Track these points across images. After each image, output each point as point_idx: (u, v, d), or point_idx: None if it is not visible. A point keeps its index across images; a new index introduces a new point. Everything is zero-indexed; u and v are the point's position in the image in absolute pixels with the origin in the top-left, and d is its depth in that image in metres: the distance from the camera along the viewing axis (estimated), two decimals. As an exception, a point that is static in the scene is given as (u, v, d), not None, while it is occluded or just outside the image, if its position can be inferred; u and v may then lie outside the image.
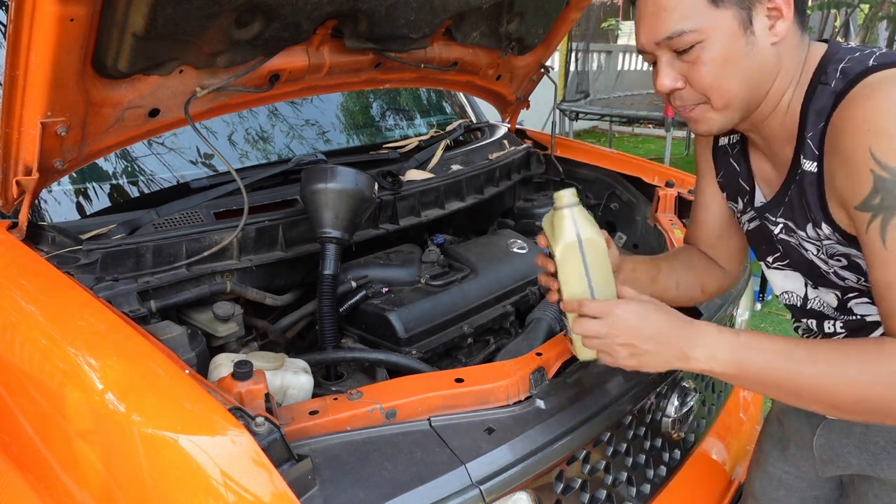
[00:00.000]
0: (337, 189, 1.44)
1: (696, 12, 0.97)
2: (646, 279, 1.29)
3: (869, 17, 9.01)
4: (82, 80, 1.17)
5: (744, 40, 0.98)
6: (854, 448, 1.16)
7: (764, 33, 0.98)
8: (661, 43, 1.01)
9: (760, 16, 0.98)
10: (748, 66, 0.99)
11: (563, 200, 1.05)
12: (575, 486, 1.18)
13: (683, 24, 0.97)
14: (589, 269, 1.03)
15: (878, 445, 1.13)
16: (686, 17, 0.97)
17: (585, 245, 1.03)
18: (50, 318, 1.10)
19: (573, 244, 1.03)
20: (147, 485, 0.88)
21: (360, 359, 1.40)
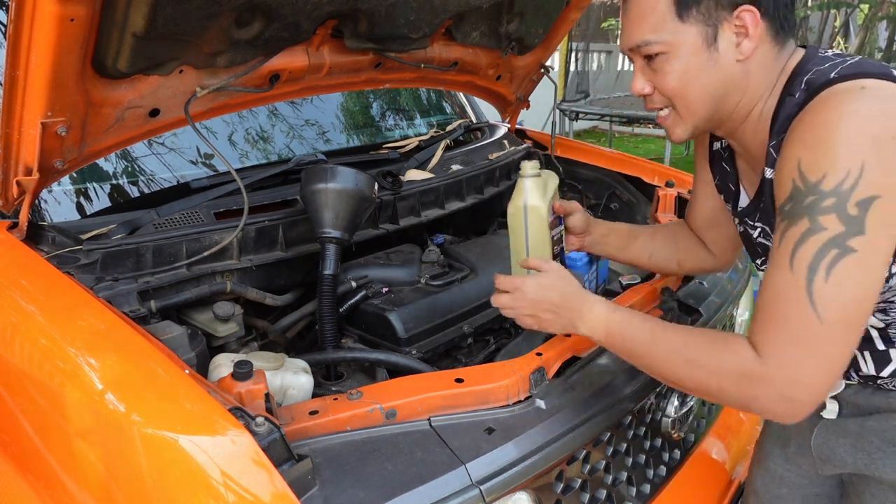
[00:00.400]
0: (337, 189, 1.44)
1: (663, 25, 1.04)
2: (616, 244, 1.46)
3: (869, 17, 9.01)
4: (82, 80, 1.17)
5: (706, 56, 1.03)
6: (850, 447, 1.16)
7: (729, 50, 1.03)
8: (633, 49, 1.09)
9: (727, 33, 1.02)
10: (710, 80, 1.05)
11: (524, 171, 1.28)
12: (575, 486, 1.18)
13: (651, 35, 1.05)
14: (528, 230, 1.28)
15: (874, 445, 1.13)
16: (654, 30, 1.04)
17: (529, 211, 1.27)
18: (50, 317, 1.10)
19: (519, 208, 1.28)
20: (147, 485, 0.88)
21: (360, 359, 1.40)
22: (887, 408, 1.11)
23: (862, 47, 8.92)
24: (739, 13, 1.01)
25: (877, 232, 0.88)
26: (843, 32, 10.76)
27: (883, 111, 0.90)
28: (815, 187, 0.90)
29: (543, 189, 1.29)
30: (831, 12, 9.70)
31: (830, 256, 0.88)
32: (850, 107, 0.90)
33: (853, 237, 0.88)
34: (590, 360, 1.29)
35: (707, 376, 0.97)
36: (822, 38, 10.39)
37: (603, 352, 1.32)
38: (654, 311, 1.50)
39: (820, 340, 0.89)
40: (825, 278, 0.88)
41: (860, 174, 0.87)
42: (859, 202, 0.87)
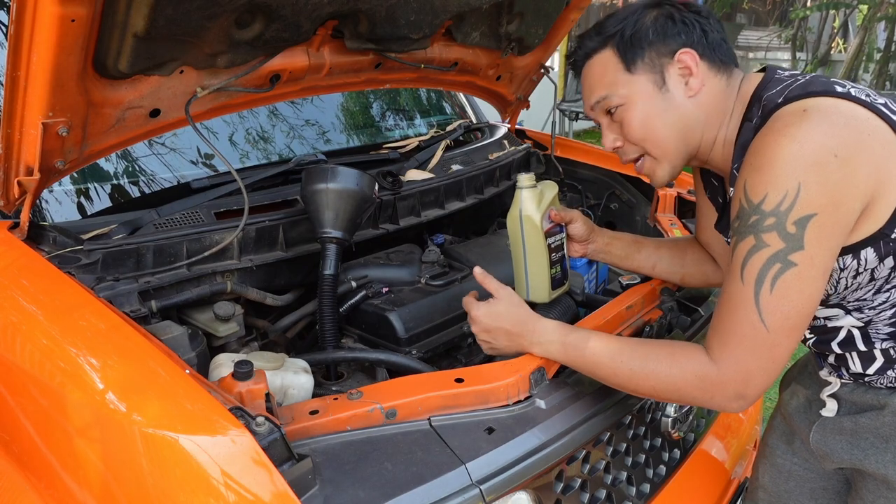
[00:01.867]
0: (338, 189, 1.44)
1: (615, 82, 1.17)
2: (619, 254, 1.50)
3: (867, 17, 9.01)
4: (83, 80, 1.17)
5: (660, 98, 1.15)
6: (846, 444, 1.19)
7: (679, 90, 1.15)
8: (594, 107, 1.22)
9: (673, 76, 1.14)
10: (670, 118, 1.16)
11: (521, 183, 1.39)
12: (575, 486, 1.18)
13: (605, 91, 1.18)
14: (525, 238, 1.39)
15: (867, 441, 1.16)
16: (607, 86, 1.18)
17: (524, 220, 1.38)
18: (51, 317, 1.10)
19: (516, 218, 1.39)
20: (147, 484, 0.88)
21: (360, 359, 1.40)
22: (878, 405, 1.14)
23: (861, 48, 8.93)
24: (679, 56, 1.13)
25: (815, 247, 0.96)
26: (842, 33, 10.77)
27: (821, 132, 0.96)
28: (758, 207, 0.98)
29: (539, 199, 1.38)
30: (830, 13, 9.71)
31: (774, 270, 0.97)
32: (790, 130, 0.97)
33: (793, 252, 0.96)
34: (589, 360, 1.29)
35: (668, 385, 1.06)
36: (821, 39, 10.40)
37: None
38: (654, 312, 1.50)
39: (766, 346, 0.99)
40: (770, 290, 0.97)
41: (797, 194, 0.94)
42: (797, 221, 0.95)
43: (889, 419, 1.13)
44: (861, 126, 0.98)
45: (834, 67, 10.30)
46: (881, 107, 1.01)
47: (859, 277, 1.06)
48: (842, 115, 0.98)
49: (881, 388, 1.15)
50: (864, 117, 0.99)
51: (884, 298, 1.08)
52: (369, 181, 1.49)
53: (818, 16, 10.04)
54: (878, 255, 1.02)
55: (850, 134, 0.96)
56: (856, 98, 1.01)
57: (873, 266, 1.04)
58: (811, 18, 10.26)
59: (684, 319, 1.52)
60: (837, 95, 1.01)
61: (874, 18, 8.84)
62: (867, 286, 1.07)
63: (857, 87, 1.04)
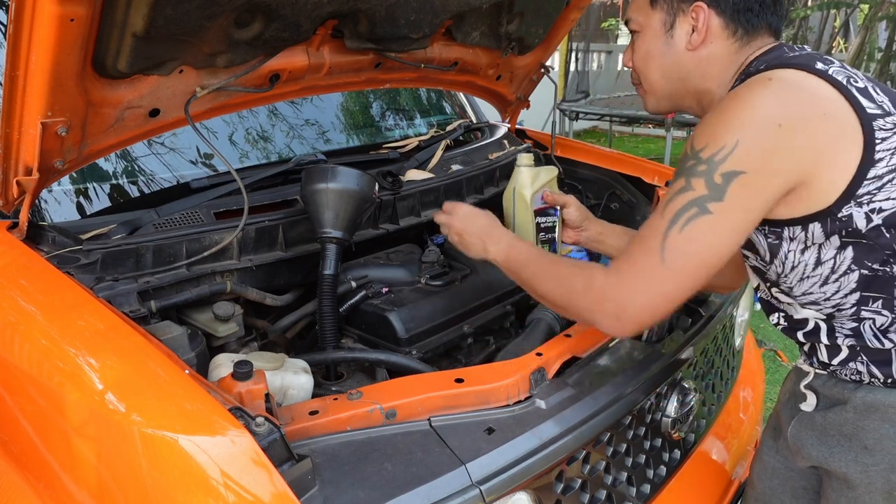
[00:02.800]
0: (338, 189, 1.44)
1: (640, 8, 1.24)
2: (612, 244, 1.54)
3: (869, 17, 9.01)
4: (82, 80, 1.17)
5: (663, 40, 1.21)
6: (816, 440, 1.19)
7: (682, 39, 1.19)
8: (626, 25, 1.30)
9: (683, 24, 1.19)
10: (664, 61, 1.22)
11: (519, 161, 1.54)
12: (575, 486, 1.18)
13: (632, 14, 1.26)
14: (515, 210, 1.54)
15: (834, 439, 1.15)
16: (635, 10, 1.25)
17: (516, 196, 1.53)
18: (50, 317, 1.10)
19: (509, 193, 1.55)
20: (146, 484, 0.88)
21: (360, 359, 1.40)
22: (843, 400, 1.14)
23: (862, 47, 8.92)
24: (694, 7, 1.16)
25: (733, 202, 1.00)
26: (843, 32, 10.76)
27: (773, 101, 1.01)
28: (697, 154, 1.04)
29: (534, 178, 1.51)
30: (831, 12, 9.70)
31: (691, 213, 1.01)
32: (747, 94, 1.03)
33: (712, 202, 1.00)
34: (590, 360, 1.29)
35: (564, 293, 1.15)
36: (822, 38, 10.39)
37: (603, 352, 1.32)
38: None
39: (655, 277, 1.03)
40: (680, 230, 1.02)
41: (732, 150, 0.99)
42: (724, 174, 1.00)
43: (851, 416, 1.12)
44: (818, 104, 1.01)
45: (834, 67, 10.26)
46: (856, 91, 1.02)
47: (806, 255, 1.08)
48: (801, 91, 1.01)
49: (847, 382, 1.14)
50: (826, 97, 1.01)
51: (832, 291, 1.09)
52: (369, 181, 1.49)
53: (819, 15, 10.03)
54: (824, 232, 1.04)
55: (801, 109, 1.00)
56: (830, 77, 1.03)
57: (820, 242, 1.06)
58: (812, 18, 10.25)
59: (685, 319, 1.51)
60: (814, 72, 1.03)
61: (875, 18, 8.83)
62: (813, 274, 1.09)
63: (844, 69, 1.06)
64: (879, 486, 1.10)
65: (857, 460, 1.12)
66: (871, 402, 1.10)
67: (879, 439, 1.09)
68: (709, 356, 1.63)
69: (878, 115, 1.01)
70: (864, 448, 1.11)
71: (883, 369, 1.08)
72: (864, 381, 1.11)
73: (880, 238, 1.02)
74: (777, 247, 1.10)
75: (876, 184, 1.00)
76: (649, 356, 1.35)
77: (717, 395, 1.71)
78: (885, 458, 1.09)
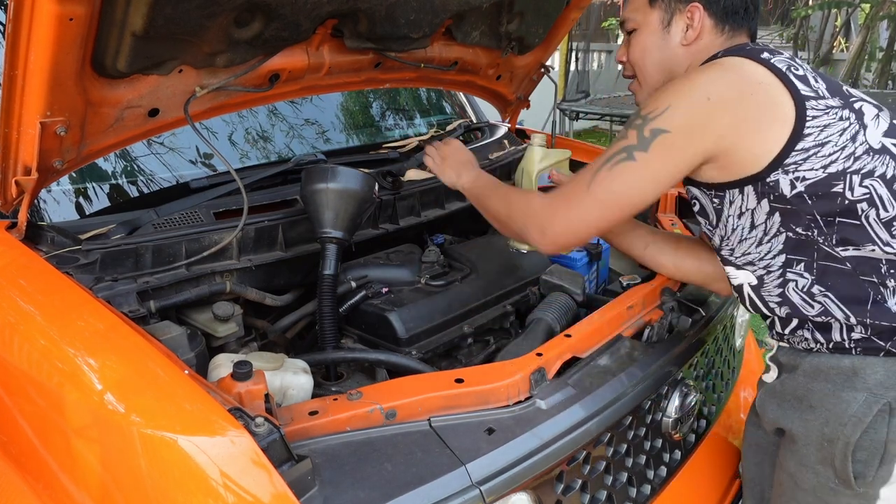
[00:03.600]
0: (338, 189, 1.44)
1: (638, 8, 1.36)
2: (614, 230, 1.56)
3: (870, 16, 9.01)
4: (81, 79, 1.16)
5: (660, 35, 1.33)
6: (775, 405, 1.30)
7: (678, 35, 1.32)
8: (622, 24, 1.41)
9: (680, 21, 1.31)
10: (660, 56, 1.34)
11: (533, 140, 1.63)
12: (575, 487, 1.18)
13: (630, 14, 1.37)
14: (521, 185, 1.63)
15: (788, 402, 1.26)
16: (633, 10, 1.37)
17: (523, 172, 1.62)
18: (49, 318, 1.09)
19: (520, 169, 1.64)
20: (146, 485, 0.87)
21: (360, 359, 1.40)
22: (797, 366, 1.25)
23: (863, 47, 8.92)
24: (690, 8, 1.29)
25: (655, 154, 1.15)
26: (843, 32, 10.76)
27: (709, 79, 1.16)
28: (639, 112, 1.20)
29: (542, 157, 1.60)
30: (832, 12, 9.70)
31: (620, 156, 1.18)
32: (693, 73, 1.21)
33: (638, 151, 1.16)
34: (590, 360, 1.29)
35: (507, 211, 1.34)
36: (822, 38, 10.39)
37: (603, 352, 1.32)
38: (654, 312, 1.49)
39: (578, 200, 1.21)
40: (609, 169, 1.19)
41: (663, 111, 1.15)
42: (653, 129, 1.16)
43: (801, 379, 1.23)
44: (750, 86, 1.14)
45: (836, 66, 10.29)
46: (793, 77, 1.15)
47: (742, 219, 1.20)
48: (737, 73, 1.16)
49: (800, 350, 1.25)
50: (761, 81, 1.14)
51: (765, 251, 1.21)
52: (370, 181, 1.49)
53: (820, 15, 10.03)
54: (756, 194, 1.17)
55: (731, 88, 1.14)
56: (769, 64, 1.16)
57: (753, 206, 1.18)
58: (813, 17, 10.24)
59: (685, 320, 1.51)
60: (756, 59, 1.17)
61: (876, 17, 8.83)
62: (749, 236, 1.21)
63: (788, 61, 1.19)
64: (814, 439, 1.20)
65: (802, 417, 1.23)
66: (817, 365, 1.21)
67: (822, 398, 1.20)
68: (709, 356, 1.62)
69: (811, 97, 1.13)
70: (810, 406, 1.22)
71: (824, 335, 1.20)
72: (812, 348, 1.23)
73: (802, 204, 1.14)
74: (720, 211, 1.23)
75: (802, 155, 1.12)
76: (649, 356, 1.35)
77: (717, 396, 1.71)
78: (822, 413, 1.19)
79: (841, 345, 1.18)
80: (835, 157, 1.12)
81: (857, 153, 1.12)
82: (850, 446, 1.15)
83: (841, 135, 1.13)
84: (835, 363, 1.19)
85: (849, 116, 1.14)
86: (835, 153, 1.12)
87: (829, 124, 1.12)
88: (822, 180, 1.12)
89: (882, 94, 7.61)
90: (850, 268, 1.15)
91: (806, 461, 1.22)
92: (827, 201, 1.12)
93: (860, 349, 1.17)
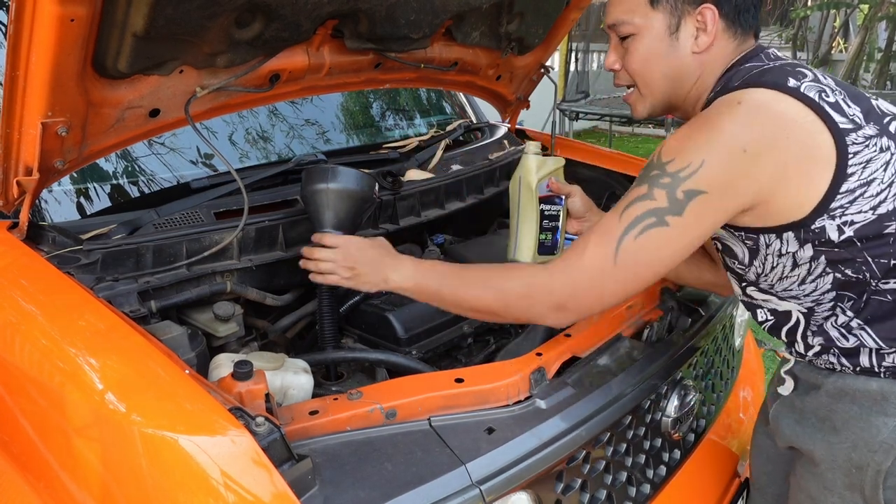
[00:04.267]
0: (338, 189, 1.44)
1: (636, 10, 1.18)
2: None
3: (868, 17, 9.01)
4: (82, 80, 1.17)
5: (667, 42, 1.18)
6: (793, 423, 1.23)
7: (688, 42, 1.17)
8: (611, 27, 1.23)
9: (689, 26, 1.17)
10: (667, 64, 1.19)
11: (527, 149, 1.51)
12: (575, 486, 1.18)
13: (624, 16, 1.19)
14: (521, 196, 1.50)
15: (809, 420, 1.20)
16: (627, 11, 1.19)
17: (522, 182, 1.50)
18: (50, 317, 1.10)
19: (515, 179, 1.51)
20: (147, 485, 0.88)
21: (360, 359, 1.40)
22: (818, 385, 1.19)
23: (862, 47, 8.92)
24: (701, 10, 1.15)
25: (691, 218, 1.04)
26: (842, 32, 10.76)
27: (741, 125, 1.04)
28: (663, 165, 1.07)
29: (540, 166, 1.49)
30: (831, 12, 9.70)
31: (649, 221, 1.05)
32: (717, 118, 1.06)
33: (671, 215, 1.05)
34: (590, 360, 1.29)
35: (501, 296, 1.14)
36: (821, 39, 10.39)
37: (603, 352, 1.32)
38: (654, 312, 1.50)
39: (605, 275, 1.08)
40: (636, 236, 1.06)
41: (697, 169, 1.03)
42: (687, 191, 1.04)
43: (824, 399, 1.17)
44: (785, 128, 1.03)
45: (835, 67, 10.28)
46: (828, 107, 1.04)
47: (783, 259, 1.11)
48: (769, 115, 1.04)
49: (822, 370, 1.19)
50: (794, 118, 1.04)
51: (811, 289, 1.13)
52: (369, 181, 1.49)
53: (819, 15, 10.03)
54: (798, 240, 1.08)
55: (767, 133, 1.03)
56: (801, 95, 1.05)
57: (794, 250, 1.09)
58: (812, 18, 10.24)
59: (685, 320, 1.51)
60: (785, 90, 1.05)
61: (875, 18, 8.83)
62: (791, 274, 1.12)
63: (816, 83, 1.08)
64: (841, 464, 1.14)
65: (825, 439, 1.16)
66: (841, 386, 1.15)
67: (847, 420, 1.13)
68: (709, 356, 1.63)
69: (850, 130, 1.04)
70: (834, 429, 1.15)
71: (852, 360, 1.13)
72: (836, 369, 1.16)
73: (852, 248, 1.06)
74: (756, 251, 1.14)
75: (848, 197, 1.04)
76: (649, 356, 1.35)
77: (717, 395, 1.71)
78: (849, 437, 1.13)
79: (869, 369, 1.12)
80: (883, 197, 1.04)
81: None
82: (882, 474, 1.09)
83: (885, 169, 1.04)
84: (861, 385, 1.12)
85: (888, 146, 1.06)
86: (882, 191, 1.04)
87: (871, 159, 1.04)
88: (873, 223, 1.04)
89: (881, 95, 7.62)
90: (891, 300, 1.08)
91: (831, 486, 1.16)
92: (878, 242, 1.05)
93: (889, 373, 1.11)
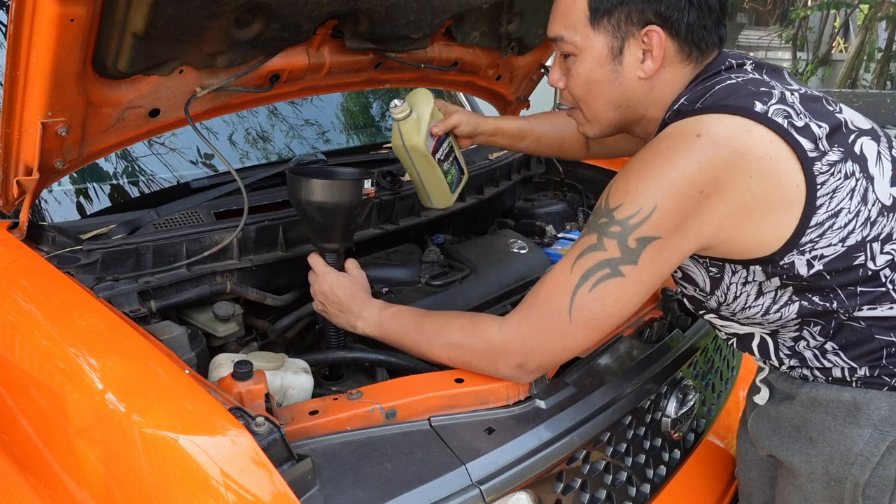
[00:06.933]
0: (317, 203, 1.33)
1: (577, 26, 1.08)
2: (505, 143, 1.61)
3: (868, 17, 9.02)
4: (82, 80, 1.17)
5: (609, 67, 1.08)
6: (770, 431, 1.22)
7: (633, 66, 1.08)
8: (552, 40, 1.14)
9: (633, 50, 1.07)
10: (611, 91, 1.10)
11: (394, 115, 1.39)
12: (575, 486, 1.18)
13: (564, 31, 1.10)
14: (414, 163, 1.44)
15: (786, 430, 1.18)
16: (568, 27, 1.09)
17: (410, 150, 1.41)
18: (50, 318, 1.10)
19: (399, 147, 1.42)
20: (147, 485, 0.88)
21: (360, 359, 1.40)
22: (793, 395, 1.17)
23: (861, 47, 8.93)
24: (647, 32, 1.05)
25: (647, 265, 0.99)
26: (842, 32, 10.78)
27: (698, 165, 0.95)
28: (611, 212, 1.01)
29: (417, 124, 1.41)
30: (831, 12, 9.71)
31: (602, 273, 1.00)
32: (671, 154, 0.97)
33: (625, 265, 0.99)
34: (590, 360, 1.29)
35: (461, 353, 1.13)
36: (821, 39, 10.40)
37: (603, 352, 1.32)
38: (654, 311, 1.50)
39: (560, 333, 1.04)
40: (590, 289, 1.01)
41: (649, 215, 0.97)
42: (639, 238, 0.98)
43: (799, 409, 1.15)
44: (748, 166, 0.96)
45: (835, 67, 10.30)
46: (796, 133, 0.98)
47: (748, 287, 1.08)
48: (731, 151, 0.95)
49: (797, 379, 1.16)
50: (759, 156, 0.96)
51: (775, 318, 1.09)
52: (353, 187, 1.34)
53: (819, 15, 10.04)
54: (765, 273, 1.04)
55: (728, 173, 0.95)
56: (769, 121, 0.97)
57: (761, 280, 1.06)
58: (812, 18, 10.25)
59: (685, 319, 1.51)
60: (752, 116, 0.97)
61: (875, 18, 8.84)
62: (755, 304, 1.09)
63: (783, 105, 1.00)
64: (819, 476, 1.13)
65: (802, 450, 1.14)
66: (814, 396, 1.12)
67: (822, 431, 1.11)
68: (709, 356, 1.63)
69: (815, 158, 0.98)
70: (810, 439, 1.13)
71: (824, 372, 1.11)
72: (809, 378, 1.14)
73: (821, 281, 1.02)
74: (719, 280, 1.10)
75: (817, 231, 0.99)
76: (649, 356, 1.35)
77: (716, 395, 1.71)
78: (825, 449, 1.11)
79: (842, 380, 1.10)
80: (851, 227, 1.00)
81: (871, 216, 1.00)
82: (860, 487, 1.08)
83: (851, 197, 1.00)
84: (834, 396, 1.10)
85: (853, 170, 1.00)
86: (850, 221, 1.00)
87: (837, 188, 0.99)
88: (842, 255, 1.00)
89: (881, 95, 7.62)
90: (864, 326, 1.05)
91: (811, 497, 1.15)
92: (848, 274, 1.02)
93: (861, 383, 1.09)
